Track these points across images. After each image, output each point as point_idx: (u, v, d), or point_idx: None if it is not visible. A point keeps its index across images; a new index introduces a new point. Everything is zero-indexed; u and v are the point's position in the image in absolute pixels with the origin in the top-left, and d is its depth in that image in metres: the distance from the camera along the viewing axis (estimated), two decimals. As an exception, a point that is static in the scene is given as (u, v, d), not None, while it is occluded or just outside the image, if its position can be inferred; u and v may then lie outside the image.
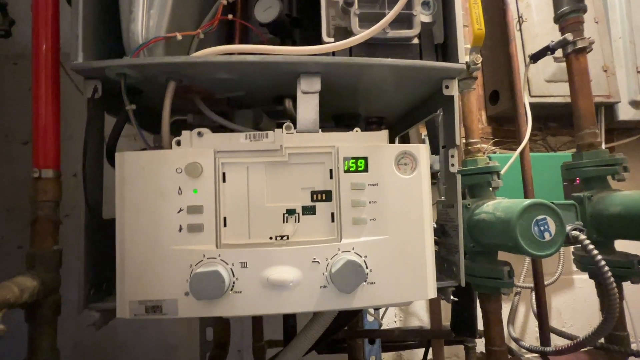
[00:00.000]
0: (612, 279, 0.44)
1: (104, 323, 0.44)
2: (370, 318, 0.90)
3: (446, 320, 0.84)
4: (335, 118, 0.65)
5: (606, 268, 0.45)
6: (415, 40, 0.48)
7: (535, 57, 0.75)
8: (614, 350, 0.58)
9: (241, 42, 0.51)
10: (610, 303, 0.45)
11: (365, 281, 0.40)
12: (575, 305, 1.08)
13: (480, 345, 0.64)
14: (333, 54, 0.45)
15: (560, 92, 0.93)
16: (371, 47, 0.47)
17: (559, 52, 0.68)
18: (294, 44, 0.52)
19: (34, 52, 0.46)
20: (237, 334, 0.96)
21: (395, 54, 0.47)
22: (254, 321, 0.79)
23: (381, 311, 0.97)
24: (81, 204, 0.43)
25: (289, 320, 0.73)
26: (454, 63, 0.47)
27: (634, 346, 0.62)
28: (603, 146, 1.00)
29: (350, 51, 0.46)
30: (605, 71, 0.96)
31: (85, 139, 0.41)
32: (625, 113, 0.98)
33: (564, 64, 0.66)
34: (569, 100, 0.66)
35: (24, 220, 0.92)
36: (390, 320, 1.04)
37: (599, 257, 0.45)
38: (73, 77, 0.62)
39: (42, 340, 0.40)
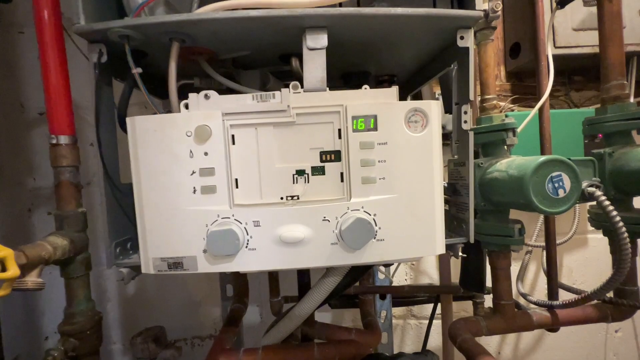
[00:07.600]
0: (625, 234, 0.44)
1: (132, 278, 0.47)
2: (381, 276, 0.94)
3: (455, 277, 0.87)
4: (344, 77, 0.63)
5: (621, 223, 0.44)
6: (429, -13, 0.45)
7: (563, 2, 0.68)
8: (621, 304, 0.59)
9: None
10: (622, 257, 0.45)
11: (375, 238, 0.42)
12: (587, 263, 1.09)
13: (488, 300, 0.66)
14: (340, 5, 0.42)
15: (589, 42, 0.86)
16: (381, -4, 0.44)
17: (590, -5, 0.62)
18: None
19: (36, 18, 0.45)
20: (256, 290, 1.02)
21: (407, 3, 0.44)
22: (270, 278, 0.84)
23: (392, 269, 1.01)
24: (101, 171, 0.45)
25: (303, 278, 0.77)
26: (471, 10, 0.43)
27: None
28: (632, 99, 0.94)
29: (358, 2, 0.43)
30: (641, 15, 0.87)
31: (96, 106, 0.41)
32: (660, 63, 0.90)
33: (594, 9, 0.60)
34: (597, 50, 0.61)
35: (51, 188, 0.98)
36: (401, 279, 1.07)
37: (614, 212, 0.44)
38: (79, 44, 0.62)
39: (78, 293, 0.44)
